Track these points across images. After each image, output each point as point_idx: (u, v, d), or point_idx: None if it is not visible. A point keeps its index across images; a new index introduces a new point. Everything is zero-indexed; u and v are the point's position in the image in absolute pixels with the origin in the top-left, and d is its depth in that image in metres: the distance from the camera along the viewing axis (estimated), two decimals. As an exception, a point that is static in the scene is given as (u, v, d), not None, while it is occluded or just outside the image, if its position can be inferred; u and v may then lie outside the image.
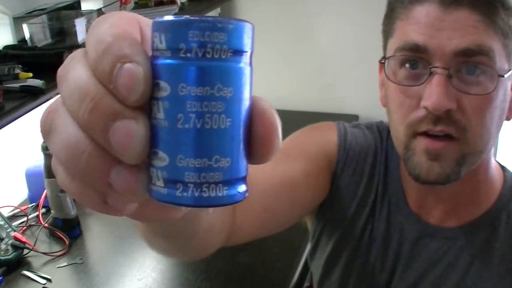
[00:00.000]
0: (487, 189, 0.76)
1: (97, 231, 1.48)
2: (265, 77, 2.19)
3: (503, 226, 0.74)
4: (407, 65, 0.68)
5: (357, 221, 0.81)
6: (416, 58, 0.66)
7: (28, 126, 1.44)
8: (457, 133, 0.66)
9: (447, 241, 0.75)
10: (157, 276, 1.25)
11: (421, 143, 0.67)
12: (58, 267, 1.28)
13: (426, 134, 0.66)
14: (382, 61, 0.72)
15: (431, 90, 0.64)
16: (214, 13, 2.05)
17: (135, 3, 1.59)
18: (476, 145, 0.67)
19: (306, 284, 1.31)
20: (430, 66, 0.65)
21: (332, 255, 0.83)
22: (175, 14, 1.44)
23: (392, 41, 0.70)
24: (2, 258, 1.26)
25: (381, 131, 0.84)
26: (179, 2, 1.55)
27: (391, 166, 0.81)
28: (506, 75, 0.66)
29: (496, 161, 0.80)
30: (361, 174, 0.81)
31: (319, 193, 0.81)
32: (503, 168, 0.80)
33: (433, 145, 0.66)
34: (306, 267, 1.27)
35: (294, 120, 2.02)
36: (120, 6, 1.39)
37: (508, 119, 0.72)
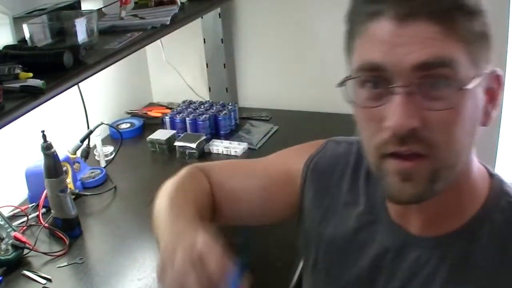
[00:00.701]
0: (470, 198, 0.73)
1: (97, 231, 1.48)
2: (265, 77, 2.19)
3: (485, 236, 0.71)
4: (368, 85, 0.65)
5: (324, 230, 0.85)
6: (375, 78, 0.64)
7: (28, 126, 1.44)
8: (425, 151, 0.63)
9: (427, 250, 0.74)
10: (157, 276, 1.25)
11: (391, 165, 0.65)
12: (58, 267, 1.28)
13: (394, 155, 0.64)
14: (343, 84, 0.68)
15: (392, 110, 0.62)
16: (214, 13, 2.05)
17: (135, 3, 1.59)
18: (447, 159, 0.65)
19: (306, 284, 1.31)
20: (389, 86, 0.62)
21: (305, 265, 0.91)
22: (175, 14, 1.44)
23: (352, 60, 0.68)
24: (2, 258, 1.26)
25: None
26: (179, 2, 1.55)
27: (373, 177, 0.80)
28: (470, 85, 0.62)
29: (486, 168, 0.77)
30: (326, 190, 0.86)
31: (284, 208, 0.91)
32: (491, 175, 0.76)
33: (403, 165, 0.64)
34: (306, 267, 1.27)
35: (294, 120, 2.02)
36: (120, 6, 1.39)
37: (484, 124, 0.68)
